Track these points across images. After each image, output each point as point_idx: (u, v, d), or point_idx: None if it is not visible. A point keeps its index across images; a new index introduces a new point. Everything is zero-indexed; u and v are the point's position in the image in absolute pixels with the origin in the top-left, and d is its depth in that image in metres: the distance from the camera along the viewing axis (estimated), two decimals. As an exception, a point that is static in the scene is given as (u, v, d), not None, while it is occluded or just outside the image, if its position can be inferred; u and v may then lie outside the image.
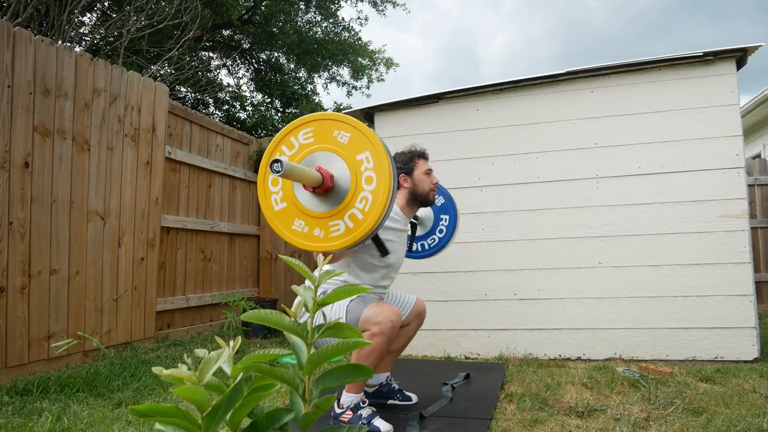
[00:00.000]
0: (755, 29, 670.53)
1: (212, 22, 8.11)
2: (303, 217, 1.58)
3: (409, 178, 2.17)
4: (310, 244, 1.58)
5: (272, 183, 1.64)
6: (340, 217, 1.54)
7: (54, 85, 2.92)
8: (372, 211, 1.51)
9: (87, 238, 3.14)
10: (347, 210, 1.53)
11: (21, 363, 2.70)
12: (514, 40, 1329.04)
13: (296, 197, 1.59)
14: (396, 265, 2.16)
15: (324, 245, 1.55)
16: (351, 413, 1.96)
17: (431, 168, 2.22)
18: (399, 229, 2.13)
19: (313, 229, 1.57)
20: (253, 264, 5.19)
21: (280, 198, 1.62)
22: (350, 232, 1.53)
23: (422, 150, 2.25)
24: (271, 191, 1.63)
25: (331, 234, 1.55)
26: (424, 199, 2.19)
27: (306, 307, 0.82)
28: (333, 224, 1.55)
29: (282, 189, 1.62)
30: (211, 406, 0.67)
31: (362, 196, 1.52)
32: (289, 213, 1.60)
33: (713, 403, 2.18)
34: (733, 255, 3.02)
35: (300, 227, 1.58)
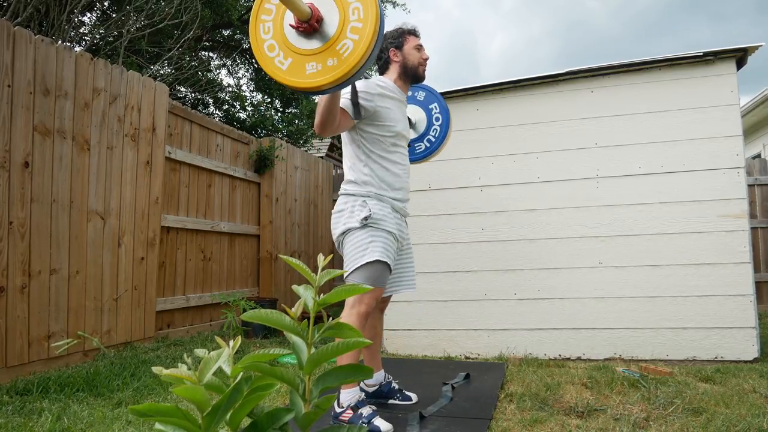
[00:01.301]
0: (754, 29, 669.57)
1: (212, 21, 8.11)
2: (290, 54, 1.58)
3: (399, 52, 2.21)
4: (277, 74, 1.57)
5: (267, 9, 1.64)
6: (327, 55, 1.55)
7: (54, 85, 2.92)
8: (357, 48, 1.51)
9: (87, 237, 3.14)
10: (334, 46, 1.54)
11: (21, 363, 2.70)
12: (513, 40, 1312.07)
13: (285, 35, 1.60)
14: (402, 134, 2.19)
15: (311, 81, 1.55)
16: (351, 412, 1.96)
17: (421, 44, 2.25)
18: (395, 98, 2.16)
19: (285, 60, 1.57)
20: (253, 264, 5.19)
21: (268, 23, 1.62)
22: (335, 68, 1.53)
23: (413, 27, 2.28)
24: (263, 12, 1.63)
25: (298, 71, 1.56)
26: (415, 73, 2.22)
27: (306, 308, 0.82)
28: (303, 63, 1.56)
29: (275, 12, 1.62)
30: (211, 406, 0.67)
31: (348, 35, 1.53)
32: (271, 36, 1.61)
33: (713, 403, 2.18)
34: (733, 255, 3.02)
35: (274, 53, 1.59)
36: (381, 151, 2.09)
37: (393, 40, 2.22)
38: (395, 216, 2.11)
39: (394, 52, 2.21)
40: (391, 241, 2.04)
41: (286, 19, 1.60)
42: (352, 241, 2.01)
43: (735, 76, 3.12)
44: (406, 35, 2.23)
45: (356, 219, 2.01)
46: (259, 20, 1.64)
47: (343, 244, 2.06)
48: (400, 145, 2.18)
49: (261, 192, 5.28)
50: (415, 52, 2.21)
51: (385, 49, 2.23)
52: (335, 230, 2.10)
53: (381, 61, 2.25)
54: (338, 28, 1.54)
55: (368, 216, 1.99)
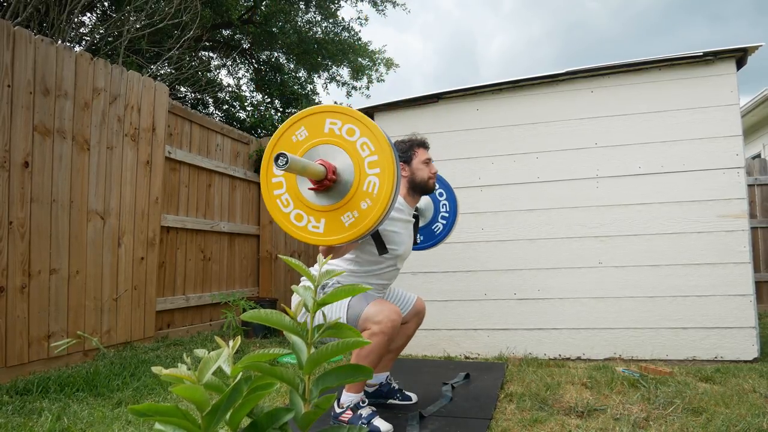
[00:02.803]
0: (754, 30, 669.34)
1: (212, 21, 8.11)
2: (307, 211, 1.57)
3: (407, 167, 2.17)
4: (314, 238, 1.57)
5: (276, 183, 1.63)
6: (344, 210, 1.53)
7: (54, 85, 2.92)
8: (376, 204, 1.50)
9: (87, 237, 3.14)
10: (352, 202, 1.53)
11: (21, 362, 2.70)
12: (513, 41, 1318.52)
13: (300, 192, 1.59)
14: (404, 255, 2.16)
15: (329, 238, 1.55)
16: (351, 413, 1.96)
17: (430, 157, 2.21)
18: (404, 219, 2.13)
19: (318, 222, 1.56)
20: (253, 264, 5.19)
21: (284, 195, 1.61)
22: (355, 225, 1.51)
23: (422, 139, 2.24)
24: (274, 187, 1.62)
25: (336, 227, 1.54)
26: (424, 187, 2.18)
27: (306, 307, 0.82)
28: (338, 217, 1.54)
29: (285, 183, 1.61)
30: (211, 406, 0.67)
31: (366, 189, 1.51)
32: (293, 207, 1.60)
33: (713, 402, 2.18)
34: (733, 255, 3.02)
35: (304, 221, 1.58)
36: (372, 266, 2.05)
37: (402, 153, 2.17)
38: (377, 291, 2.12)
39: (402, 166, 2.16)
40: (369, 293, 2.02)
41: (300, 182, 1.58)
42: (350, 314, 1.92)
43: (735, 76, 3.12)
44: (415, 148, 2.18)
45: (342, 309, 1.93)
46: (271, 174, 1.62)
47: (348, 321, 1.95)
48: (396, 265, 2.15)
49: (261, 192, 5.27)
50: (423, 167, 2.17)
51: None
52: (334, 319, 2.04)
53: None
54: (348, 195, 1.52)
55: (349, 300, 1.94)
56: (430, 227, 2.62)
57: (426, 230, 2.63)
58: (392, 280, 2.21)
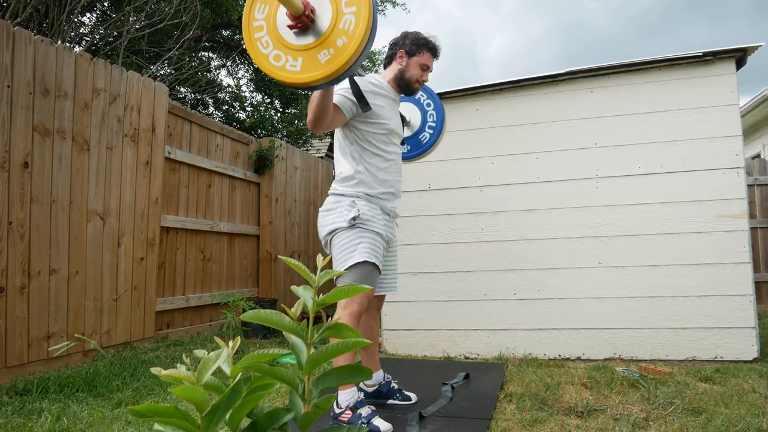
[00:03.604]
0: (753, 30, 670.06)
1: (212, 22, 8.11)
2: (285, 51, 1.58)
3: (405, 59, 2.17)
4: (292, 77, 1.57)
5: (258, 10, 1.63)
6: (321, 48, 1.54)
7: (54, 85, 2.92)
8: (351, 40, 1.50)
9: (86, 238, 3.14)
10: (328, 40, 1.54)
11: (21, 363, 2.70)
12: (513, 41, 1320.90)
13: (279, 33, 1.59)
14: (395, 131, 2.16)
15: (306, 76, 1.55)
16: (350, 413, 1.96)
17: (430, 66, 2.20)
18: (389, 96, 2.14)
19: (296, 60, 1.57)
20: (253, 264, 5.19)
21: (264, 37, 1.61)
22: (331, 62, 1.52)
23: (436, 45, 2.21)
24: (255, 30, 1.63)
25: (312, 64, 1.55)
26: (407, 86, 2.18)
27: (306, 307, 0.82)
28: (314, 55, 1.55)
29: (266, 25, 1.62)
30: (211, 406, 0.67)
31: (342, 27, 1.53)
32: (273, 48, 1.60)
33: (713, 403, 2.18)
34: (733, 255, 3.02)
35: (282, 61, 1.59)
36: (374, 149, 2.08)
37: (410, 43, 2.17)
38: (384, 217, 2.10)
39: (401, 54, 2.17)
40: (378, 241, 2.03)
41: (279, 15, 1.59)
42: (340, 241, 2.00)
43: (734, 76, 3.12)
44: (423, 48, 2.17)
45: (344, 219, 1.99)
46: (252, 18, 1.63)
47: (331, 244, 2.05)
48: (394, 142, 2.16)
49: (261, 192, 5.28)
50: (418, 69, 2.17)
51: (397, 45, 2.20)
52: (323, 229, 2.08)
53: (390, 52, 2.23)
54: (325, 33, 1.54)
55: (357, 216, 1.97)
56: (417, 137, 2.60)
57: (413, 140, 2.60)
58: (400, 168, 2.20)
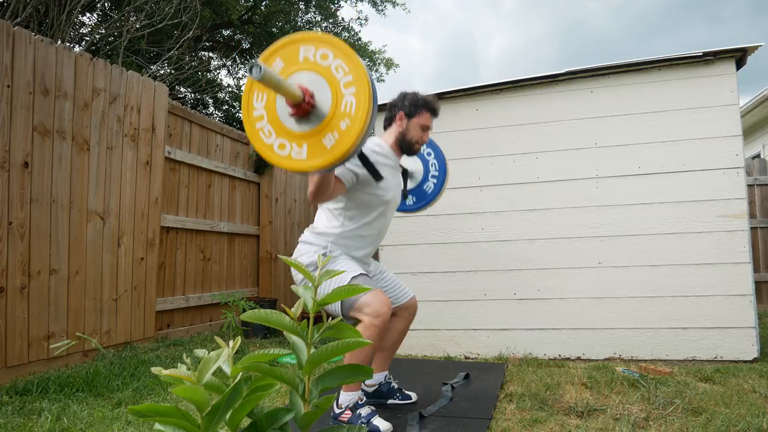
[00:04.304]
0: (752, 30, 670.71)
1: (212, 21, 8.11)
2: (289, 138, 1.57)
3: (405, 121, 2.15)
4: (299, 165, 1.56)
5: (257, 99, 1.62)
6: (325, 133, 1.53)
7: (53, 85, 2.92)
8: (355, 122, 1.50)
9: (86, 238, 3.14)
10: (332, 124, 1.53)
11: (21, 363, 2.70)
12: (513, 42, 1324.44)
13: (281, 121, 1.58)
14: (393, 202, 2.14)
15: (313, 163, 1.54)
16: (350, 413, 1.96)
17: (430, 126, 2.19)
18: (390, 165, 2.12)
19: (301, 148, 1.56)
20: (253, 264, 5.19)
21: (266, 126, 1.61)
22: (337, 146, 1.51)
23: (435, 105, 2.20)
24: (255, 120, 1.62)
25: (318, 150, 1.54)
26: (409, 147, 2.17)
27: (305, 307, 0.82)
28: (319, 141, 1.54)
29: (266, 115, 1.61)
30: (211, 406, 0.67)
31: (344, 109, 1.51)
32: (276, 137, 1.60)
33: (713, 403, 2.18)
34: (733, 255, 3.02)
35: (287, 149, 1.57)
36: (360, 216, 2.04)
37: (409, 105, 2.15)
38: (355, 258, 2.09)
39: (401, 116, 2.15)
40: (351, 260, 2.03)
41: (278, 102, 1.57)
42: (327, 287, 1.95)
43: (734, 76, 3.12)
44: (422, 109, 2.15)
45: (314, 260, 1.96)
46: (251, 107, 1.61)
47: None
48: (385, 213, 2.13)
49: (261, 192, 5.28)
50: (418, 131, 2.15)
51: (396, 107, 2.18)
52: (297, 276, 2.04)
53: (389, 114, 2.20)
54: (327, 117, 1.52)
55: (324, 254, 1.96)
56: (421, 187, 2.59)
57: (417, 191, 2.60)
58: (382, 234, 2.19)
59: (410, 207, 2.61)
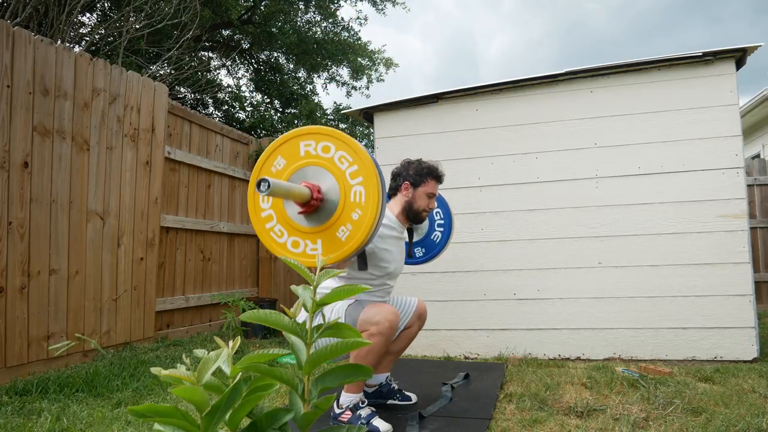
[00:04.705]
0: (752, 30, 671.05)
1: (211, 22, 8.11)
2: (302, 236, 1.56)
3: (411, 190, 2.15)
4: (310, 261, 1.55)
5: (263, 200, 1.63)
6: (338, 226, 1.53)
7: (53, 85, 2.92)
8: (367, 212, 1.50)
9: (86, 238, 3.14)
10: (343, 216, 1.53)
11: (20, 363, 2.70)
12: (513, 42, 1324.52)
13: (290, 219, 1.58)
14: (395, 273, 2.15)
15: (329, 257, 1.53)
16: (350, 413, 1.96)
17: (436, 193, 2.21)
18: (395, 236, 2.12)
19: (315, 243, 1.55)
20: (253, 264, 5.19)
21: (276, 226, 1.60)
22: (351, 237, 1.51)
23: (440, 172, 2.21)
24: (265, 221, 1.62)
25: (333, 244, 1.53)
26: (415, 216, 2.17)
27: (305, 307, 0.82)
28: (333, 234, 1.53)
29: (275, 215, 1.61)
30: (210, 406, 0.67)
31: (354, 200, 1.51)
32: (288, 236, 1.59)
33: (712, 402, 2.18)
34: (733, 255, 3.02)
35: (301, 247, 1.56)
36: (362, 282, 2.03)
37: (414, 174, 2.15)
38: None
39: (407, 186, 2.15)
40: None
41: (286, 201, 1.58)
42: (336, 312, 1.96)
43: (734, 76, 3.12)
44: (427, 179, 2.16)
45: None
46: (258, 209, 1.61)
47: None
48: (387, 283, 2.14)
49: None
50: (425, 199, 2.15)
51: (400, 176, 2.18)
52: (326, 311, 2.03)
53: (393, 183, 2.20)
54: (338, 211, 1.53)
55: None
56: (429, 238, 2.61)
57: (426, 242, 2.62)
58: (386, 297, 2.20)
59: (420, 259, 2.63)
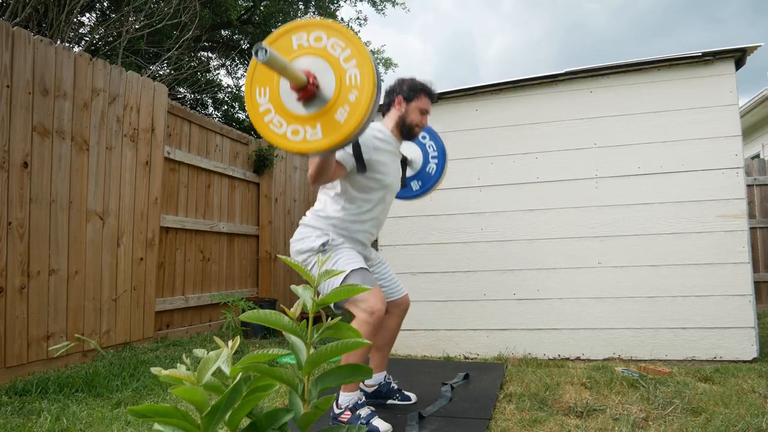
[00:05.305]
0: (751, 30, 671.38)
1: (211, 22, 8.10)
2: (302, 123, 1.58)
3: (404, 105, 2.16)
4: (315, 145, 1.57)
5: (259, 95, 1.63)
6: (336, 108, 1.55)
7: (53, 85, 2.92)
8: (363, 91, 1.51)
9: (86, 238, 3.13)
10: (340, 98, 1.54)
11: (20, 363, 2.70)
12: (513, 42, 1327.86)
13: (288, 109, 1.59)
14: (392, 186, 2.16)
15: (330, 139, 1.55)
16: (350, 413, 1.96)
17: (429, 111, 2.21)
18: (391, 150, 2.13)
19: (315, 128, 1.57)
20: (252, 264, 5.18)
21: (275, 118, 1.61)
22: (351, 117, 1.52)
23: (432, 90, 2.20)
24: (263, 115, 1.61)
25: (333, 126, 1.55)
26: (408, 131, 2.17)
27: (305, 306, 0.82)
28: (332, 117, 1.55)
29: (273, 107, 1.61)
30: (210, 407, 0.67)
31: (350, 83, 1.53)
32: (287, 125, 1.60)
33: (712, 403, 2.18)
34: (732, 255, 3.03)
35: (301, 134, 1.58)
36: (361, 200, 2.05)
37: (407, 89, 2.16)
38: (356, 243, 2.09)
39: (399, 101, 2.16)
40: (354, 252, 2.03)
41: (282, 83, 1.58)
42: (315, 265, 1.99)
43: (734, 76, 3.12)
44: (420, 94, 2.16)
45: (314, 246, 1.98)
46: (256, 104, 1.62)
47: None
48: (386, 198, 2.14)
49: (260, 192, 5.28)
50: (417, 114, 2.16)
51: (394, 92, 2.18)
52: (296, 257, 2.04)
53: (387, 99, 2.21)
54: (335, 93, 1.53)
55: (326, 242, 1.97)
56: (424, 171, 2.60)
57: (421, 175, 2.61)
58: (382, 220, 2.20)
59: (418, 191, 2.61)
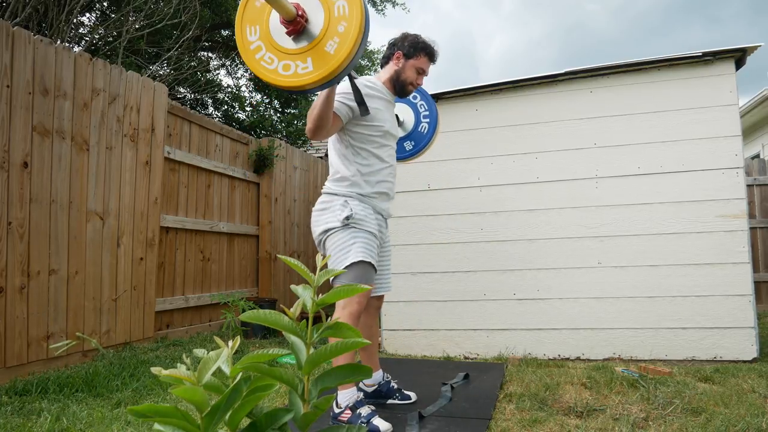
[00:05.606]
0: (751, 30, 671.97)
1: (211, 21, 8.10)
2: (292, 57, 1.59)
3: (402, 61, 2.18)
4: (308, 78, 1.57)
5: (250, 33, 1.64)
6: (325, 41, 1.56)
7: (53, 85, 2.92)
8: (352, 21, 1.52)
9: (86, 238, 3.13)
10: (329, 31, 1.56)
11: (20, 363, 2.70)
12: (513, 42, 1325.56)
13: (278, 44, 1.61)
14: (391, 132, 2.17)
15: (321, 72, 1.56)
16: (350, 413, 1.96)
17: (426, 71, 2.22)
18: (384, 98, 2.15)
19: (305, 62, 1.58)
20: (252, 264, 5.18)
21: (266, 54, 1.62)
22: (340, 48, 1.54)
23: (433, 50, 2.22)
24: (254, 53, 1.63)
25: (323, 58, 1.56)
26: (402, 87, 2.20)
27: (305, 307, 0.82)
28: (321, 49, 1.57)
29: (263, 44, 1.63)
30: (210, 407, 0.67)
31: (338, 14, 1.55)
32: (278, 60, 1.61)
33: (712, 402, 2.18)
34: (732, 255, 3.03)
35: (292, 68, 1.59)
36: (368, 151, 2.09)
37: (408, 45, 2.18)
38: (377, 217, 2.11)
39: (398, 56, 2.18)
40: (372, 240, 2.04)
41: (272, 20, 1.60)
42: (335, 242, 2.01)
43: (734, 76, 3.12)
44: (420, 52, 2.18)
45: (337, 218, 2.00)
46: (246, 42, 1.64)
47: (325, 244, 2.07)
48: (389, 144, 2.17)
49: (260, 192, 5.28)
50: (413, 72, 2.18)
51: (395, 46, 2.21)
52: (316, 228, 2.10)
53: (388, 51, 2.24)
54: (324, 26, 1.55)
55: (350, 216, 1.99)
56: (417, 130, 2.64)
57: (414, 135, 2.64)
58: (395, 166, 2.22)
59: (412, 151, 2.64)
